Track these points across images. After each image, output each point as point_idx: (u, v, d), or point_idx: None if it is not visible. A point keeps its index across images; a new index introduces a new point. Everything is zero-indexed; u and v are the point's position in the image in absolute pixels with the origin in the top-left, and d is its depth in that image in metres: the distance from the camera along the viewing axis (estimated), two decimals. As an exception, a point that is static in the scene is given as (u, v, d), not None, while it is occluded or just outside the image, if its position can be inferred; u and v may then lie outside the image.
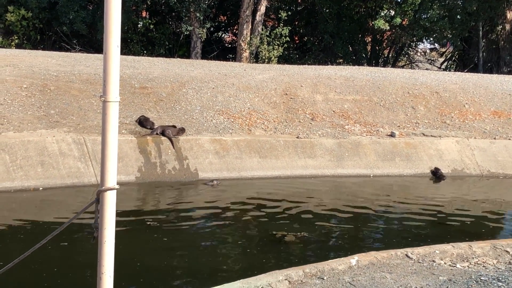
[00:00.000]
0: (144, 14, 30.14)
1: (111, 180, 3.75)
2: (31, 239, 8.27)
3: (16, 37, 26.55)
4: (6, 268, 4.39)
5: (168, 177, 12.06)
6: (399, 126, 15.43)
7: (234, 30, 32.52)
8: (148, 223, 9.62)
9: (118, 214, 9.55)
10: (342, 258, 6.28)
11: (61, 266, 7.42)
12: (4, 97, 12.74)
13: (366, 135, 14.65)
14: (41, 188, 10.73)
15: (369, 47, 32.74)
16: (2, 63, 15.06)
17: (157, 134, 12.51)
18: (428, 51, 38.77)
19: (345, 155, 13.76)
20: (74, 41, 27.63)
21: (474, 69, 31.06)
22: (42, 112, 12.56)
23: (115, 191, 3.77)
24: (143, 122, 12.88)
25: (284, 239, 8.92)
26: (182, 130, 12.85)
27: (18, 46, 26.07)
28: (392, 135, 14.72)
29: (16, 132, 11.54)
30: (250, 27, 26.70)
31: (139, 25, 28.67)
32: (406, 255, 6.42)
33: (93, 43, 28.16)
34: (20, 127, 11.76)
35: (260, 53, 26.39)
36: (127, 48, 27.10)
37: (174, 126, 12.89)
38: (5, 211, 9.83)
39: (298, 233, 9.26)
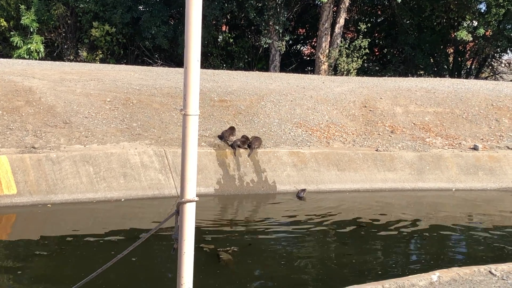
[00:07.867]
0: (224, 28, 30.54)
1: (191, 192, 3.81)
2: (113, 249, 8.47)
3: (100, 52, 27.41)
4: (89, 278, 4.52)
5: (246, 189, 12.12)
6: (482, 139, 15.03)
7: (313, 43, 32.54)
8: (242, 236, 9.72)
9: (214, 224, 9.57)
10: (423, 273, 6.16)
11: (141, 277, 7.54)
12: (89, 110, 13.16)
13: (448, 148, 14.33)
14: (123, 199, 10.98)
15: (451, 59, 32.15)
16: (87, 78, 15.56)
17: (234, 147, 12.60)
18: (513, 62, 37.66)
19: (426, 168, 13.49)
20: (156, 56, 28.34)
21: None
22: (124, 125, 12.89)
23: (194, 203, 3.83)
24: (223, 132, 13.05)
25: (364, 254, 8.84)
26: (254, 139, 12.88)
27: (102, 60, 26.90)
28: (475, 148, 14.34)
29: (100, 145, 11.88)
30: (329, 39, 26.63)
31: (219, 39, 29.09)
32: (490, 271, 6.23)
33: (174, 57, 28.75)
34: (104, 140, 12.10)
35: (339, 65, 26.26)
36: (207, 61, 27.53)
37: (246, 137, 12.92)
38: (89, 222, 10.09)
39: (378, 252, 9.14)
